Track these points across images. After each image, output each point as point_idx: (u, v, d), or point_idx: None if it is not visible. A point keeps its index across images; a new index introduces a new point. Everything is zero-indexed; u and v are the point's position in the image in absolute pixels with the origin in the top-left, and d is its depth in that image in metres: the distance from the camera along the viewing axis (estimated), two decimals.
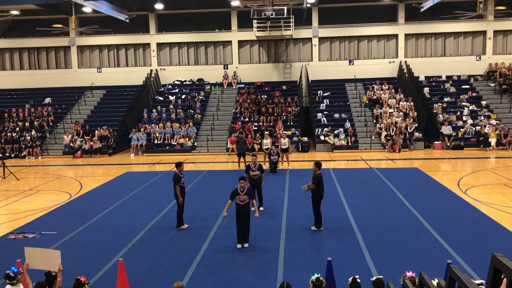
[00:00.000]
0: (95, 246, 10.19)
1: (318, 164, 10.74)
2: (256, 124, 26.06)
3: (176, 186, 10.97)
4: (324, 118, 26.54)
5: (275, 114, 26.86)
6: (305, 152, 24.43)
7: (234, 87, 30.44)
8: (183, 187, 11.18)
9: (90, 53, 32.35)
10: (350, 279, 5.69)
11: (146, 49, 31.86)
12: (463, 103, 26.71)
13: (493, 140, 23.26)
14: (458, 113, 26.04)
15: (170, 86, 31.23)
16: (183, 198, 11.13)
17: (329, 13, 30.61)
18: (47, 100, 30.70)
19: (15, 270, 5.74)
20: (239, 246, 9.74)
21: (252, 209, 9.81)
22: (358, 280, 5.64)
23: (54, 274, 6.15)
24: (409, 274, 5.89)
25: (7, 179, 18.61)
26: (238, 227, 9.70)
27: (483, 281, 5.39)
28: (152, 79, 30.76)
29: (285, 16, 27.04)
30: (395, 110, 26.33)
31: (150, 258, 9.32)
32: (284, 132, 22.87)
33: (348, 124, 25.56)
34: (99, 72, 32.05)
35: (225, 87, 30.58)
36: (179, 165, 11.34)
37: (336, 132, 25.15)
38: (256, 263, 8.88)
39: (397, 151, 23.27)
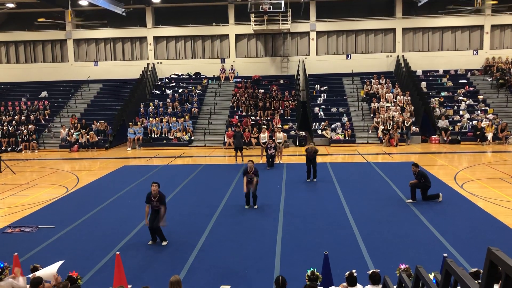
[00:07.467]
0: (92, 240, 10.19)
1: (415, 164, 12.88)
2: (253, 118, 26.03)
3: None
4: (322, 112, 26.53)
5: (272, 108, 26.83)
6: (302, 146, 24.41)
7: (231, 81, 30.36)
8: None
9: (87, 46, 32.18)
10: (347, 273, 5.70)
11: (143, 42, 31.72)
12: (460, 98, 26.73)
13: (489, 135, 23.33)
14: (455, 107, 26.07)
15: (167, 80, 31.13)
16: None
17: (326, 7, 30.51)
18: (44, 93, 30.54)
19: (1, 266, 5.65)
20: (247, 207, 12.35)
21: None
22: (355, 275, 5.66)
23: None
24: (403, 266, 5.91)
25: (4, 173, 18.57)
26: (247, 193, 12.38)
27: (479, 270, 5.42)
28: (149, 73, 30.64)
29: (282, 9, 26.98)
30: (392, 105, 26.34)
31: (147, 252, 9.33)
32: (278, 126, 22.89)
33: (345, 118, 25.57)
34: (96, 65, 31.91)
35: (222, 81, 30.51)
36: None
37: (333, 126, 25.15)
38: (253, 257, 8.90)
39: (394, 145, 23.32)
